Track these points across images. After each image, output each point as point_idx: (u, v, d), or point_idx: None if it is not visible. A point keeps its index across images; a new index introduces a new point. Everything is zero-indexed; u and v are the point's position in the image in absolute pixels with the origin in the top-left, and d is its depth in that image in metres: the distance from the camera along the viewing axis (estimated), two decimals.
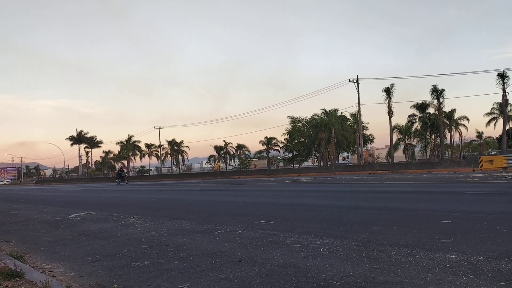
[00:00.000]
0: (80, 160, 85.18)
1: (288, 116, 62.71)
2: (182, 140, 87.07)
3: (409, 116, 59.72)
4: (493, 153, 55.41)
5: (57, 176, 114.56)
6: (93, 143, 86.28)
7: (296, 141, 63.52)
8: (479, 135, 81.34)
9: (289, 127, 62.62)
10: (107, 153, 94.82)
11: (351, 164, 57.85)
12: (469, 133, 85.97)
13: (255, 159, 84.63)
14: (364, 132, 56.84)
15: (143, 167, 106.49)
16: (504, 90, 46.74)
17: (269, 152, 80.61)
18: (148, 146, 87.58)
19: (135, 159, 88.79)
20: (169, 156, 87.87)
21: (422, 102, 55.59)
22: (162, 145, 79.78)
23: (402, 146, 65.91)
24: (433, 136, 59.41)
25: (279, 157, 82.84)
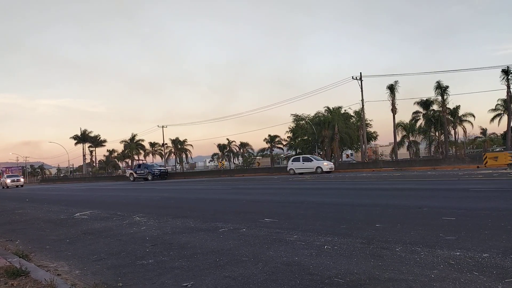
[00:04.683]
0: (84, 159, 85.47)
1: (292, 114, 62.58)
2: (186, 139, 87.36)
3: (413, 113, 59.63)
4: (497, 149, 55.19)
5: (62, 175, 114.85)
6: (97, 142, 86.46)
7: (299, 139, 63.34)
8: (483, 131, 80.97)
9: (293, 125, 62.50)
10: (111, 152, 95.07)
11: (355, 162, 57.72)
12: (473, 130, 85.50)
13: (258, 157, 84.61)
14: (368, 129, 56.60)
15: None
16: (508, 86, 46.54)
17: (273, 150, 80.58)
18: (152, 144, 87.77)
19: (139, 158, 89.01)
20: (173, 154, 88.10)
21: (426, 99, 55.41)
22: (166, 144, 79.83)
23: (406, 143, 65.72)
24: (437, 133, 59.21)
25: (282, 155, 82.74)
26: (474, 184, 12.75)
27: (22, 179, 50.59)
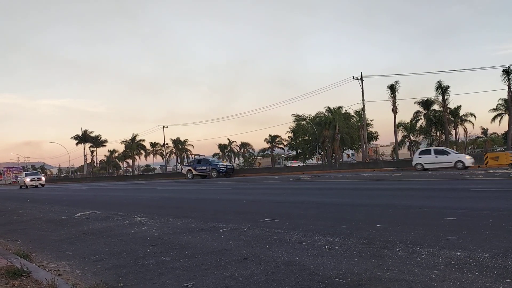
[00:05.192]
0: (85, 159, 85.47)
1: (292, 114, 62.58)
2: (187, 139, 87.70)
3: (414, 113, 59.76)
4: (498, 149, 55.16)
5: (63, 175, 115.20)
6: (98, 142, 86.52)
7: (300, 139, 63.38)
8: (484, 131, 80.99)
9: (293, 125, 62.51)
10: (112, 152, 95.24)
11: (355, 162, 57.73)
12: (474, 130, 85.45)
13: (259, 157, 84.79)
14: (368, 129, 56.69)
15: (148, 165, 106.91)
16: (509, 86, 46.60)
17: (274, 150, 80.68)
18: (153, 145, 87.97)
19: (140, 158, 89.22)
20: (173, 154, 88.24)
21: (427, 99, 55.49)
22: (167, 144, 79.90)
23: (407, 143, 65.81)
24: (438, 133, 59.25)
25: (283, 155, 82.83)
26: (475, 184, 12.75)
27: (43, 178, 44.94)
